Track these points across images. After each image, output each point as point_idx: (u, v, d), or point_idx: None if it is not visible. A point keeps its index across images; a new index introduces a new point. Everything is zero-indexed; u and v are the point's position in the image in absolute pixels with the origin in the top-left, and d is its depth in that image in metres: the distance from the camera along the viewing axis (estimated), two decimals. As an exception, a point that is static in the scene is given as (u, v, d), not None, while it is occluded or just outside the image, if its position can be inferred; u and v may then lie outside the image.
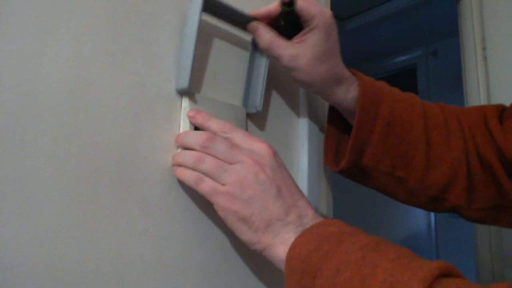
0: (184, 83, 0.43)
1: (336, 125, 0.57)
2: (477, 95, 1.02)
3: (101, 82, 0.39)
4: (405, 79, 2.47)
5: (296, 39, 0.48)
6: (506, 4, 1.01)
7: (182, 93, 0.44)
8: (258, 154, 0.40)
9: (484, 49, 1.03)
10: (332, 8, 0.71)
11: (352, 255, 0.33)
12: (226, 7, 0.46)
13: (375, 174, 0.53)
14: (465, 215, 0.55)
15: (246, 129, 0.51)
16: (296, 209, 0.40)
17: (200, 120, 0.43)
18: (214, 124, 0.43)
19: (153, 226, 0.41)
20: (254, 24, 0.48)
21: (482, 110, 0.55)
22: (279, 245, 0.38)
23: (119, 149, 0.39)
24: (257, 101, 0.50)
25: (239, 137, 0.42)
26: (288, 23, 0.48)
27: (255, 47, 0.52)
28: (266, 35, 0.47)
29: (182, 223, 0.44)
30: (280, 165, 0.41)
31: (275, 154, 0.41)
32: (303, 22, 0.47)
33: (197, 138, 0.41)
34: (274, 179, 0.40)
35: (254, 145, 0.41)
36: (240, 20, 0.49)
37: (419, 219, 2.18)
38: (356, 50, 2.41)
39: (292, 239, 0.38)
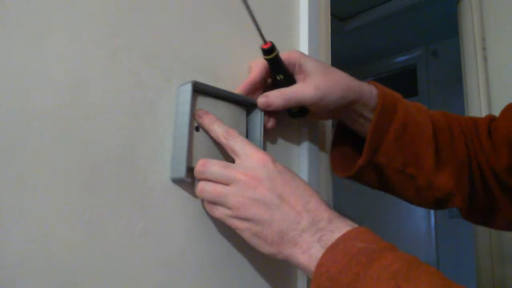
0: (181, 173, 0.42)
1: (341, 141, 0.58)
2: (477, 95, 1.02)
3: (101, 82, 0.39)
4: (405, 79, 2.46)
5: (299, 81, 0.50)
6: (506, 4, 1.01)
7: (177, 182, 0.43)
8: (254, 168, 0.40)
9: (484, 49, 1.03)
10: (332, 8, 0.71)
11: (384, 284, 0.32)
12: (217, 90, 0.45)
13: (387, 172, 0.54)
14: (465, 216, 0.57)
15: (246, 129, 0.51)
16: (308, 213, 0.39)
17: (206, 121, 0.44)
18: (218, 128, 0.43)
19: (153, 226, 0.41)
20: (261, 99, 0.48)
21: (474, 121, 0.57)
22: (300, 255, 0.38)
23: (119, 149, 0.40)
24: None
25: (238, 144, 0.42)
26: (284, 72, 0.49)
27: (248, 110, 0.51)
28: (278, 95, 0.48)
29: (182, 223, 0.44)
30: (280, 171, 0.41)
31: (272, 161, 0.41)
32: (288, 67, 0.49)
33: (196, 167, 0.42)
34: (274, 189, 0.39)
35: (251, 154, 0.41)
36: (232, 99, 0.48)
37: (419, 219, 2.18)
38: (356, 50, 2.41)
39: (312, 249, 0.37)
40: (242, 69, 0.53)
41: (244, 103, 0.50)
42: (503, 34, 1.01)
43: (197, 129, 0.44)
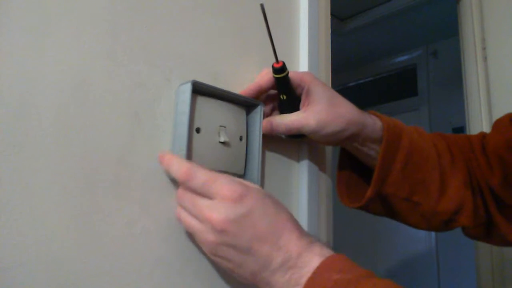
0: None
1: (346, 169, 0.59)
2: (477, 95, 1.02)
3: (101, 81, 0.39)
4: (405, 79, 2.46)
5: (303, 107, 0.50)
6: (506, 4, 1.01)
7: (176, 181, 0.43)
8: (220, 209, 0.37)
9: (484, 49, 1.03)
10: (332, 8, 0.71)
11: None
12: (217, 90, 0.45)
13: (393, 201, 0.54)
14: (467, 233, 0.58)
15: (246, 129, 0.51)
16: (278, 252, 0.37)
17: (164, 163, 0.41)
18: (177, 166, 0.40)
19: (153, 226, 0.41)
20: (266, 124, 0.50)
21: (468, 138, 0.58)
22: None
23: (119, 149, 0.39)
24: (255, 175, 0.49)
25: (201, 181, 0.38)
26: (289, 93, 0.49)
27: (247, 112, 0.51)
28: (280, 122, 0.49)
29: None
30: (250, 209, 0.37)
31: (240, 198, 0.37)
32: (296, 88, 0.50)
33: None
34: (243, 232, 0.37)
35: (218, 193, 0.37)
36: (232, 99, 0.48)
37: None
38: (356, 50, 2.41)
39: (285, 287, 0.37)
40: (242, 69, 0.53)
41: (244, 103, 0.50)
42: (503, 34, 1.01)
43: (198, 130, 0.44)
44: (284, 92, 0.50)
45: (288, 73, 0.48)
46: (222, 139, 0.46)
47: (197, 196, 0.39)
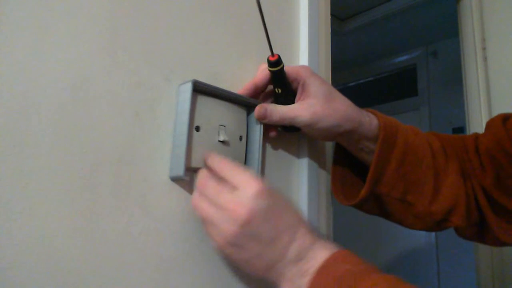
0: (180, 171, 0.42)
1: (341, 165, 0.58)
2: (477, 95, 1.02)
3: (101, 81, 0.39)
4: (405, 79, 2.46)
5: (299, 99, 0.50)
6: (506, 4, 1.01)
7: (175, 180, 0.43)
8: (246, 199, 0.38)
9: (484, 49, 1.03)
10: (332, 8, 0.71)
11: None
12: (217, 90, 0.46)
13: (387, 201, 0.54)
14: (460, 233, 0.58)
15: (247, 129, 0.51)
16: (294, 243, 0.39)
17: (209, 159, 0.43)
18: (214, 159, 0.42)
19: (153, 226, 0.41)
20: (259, 109, 0.49)
21: (462, 139, 0.58)
22: (286, 283, 0.39)
23: (119, 148, 0.40)
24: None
25: (229, 173, 0.40)
26: (284, 86, 0.49)
27: (248, 112, 0.51)
28: (274, 110, 0.49)
29: (182, 223, 0.44)
30: (274, 203, 0.39)
31: (267, 192, 0.39)
32: (292, 82, 0.50)
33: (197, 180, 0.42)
34: (267, 222, 0.38)
35: (247, 185, 0.39)
36: (232, 99, 0.48)
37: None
38: (356, 50, 2.41)
39: (295, 278, 0.38)
40: (242, 69, 0.53)
41: (244, 103, 0.50)
42: (503, 34, 1.01)
43: (197, 129, 0.44)
44: (279, 86, 0.49)
45: (283, 66, 0.47)
46: (221, 138, 0.46)
47: (222, 185, 0.40)
